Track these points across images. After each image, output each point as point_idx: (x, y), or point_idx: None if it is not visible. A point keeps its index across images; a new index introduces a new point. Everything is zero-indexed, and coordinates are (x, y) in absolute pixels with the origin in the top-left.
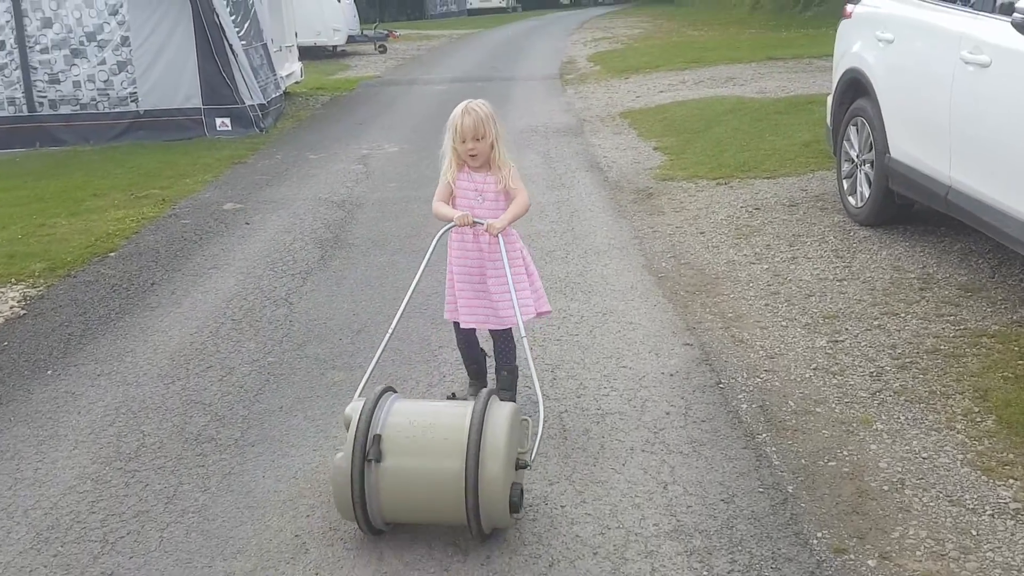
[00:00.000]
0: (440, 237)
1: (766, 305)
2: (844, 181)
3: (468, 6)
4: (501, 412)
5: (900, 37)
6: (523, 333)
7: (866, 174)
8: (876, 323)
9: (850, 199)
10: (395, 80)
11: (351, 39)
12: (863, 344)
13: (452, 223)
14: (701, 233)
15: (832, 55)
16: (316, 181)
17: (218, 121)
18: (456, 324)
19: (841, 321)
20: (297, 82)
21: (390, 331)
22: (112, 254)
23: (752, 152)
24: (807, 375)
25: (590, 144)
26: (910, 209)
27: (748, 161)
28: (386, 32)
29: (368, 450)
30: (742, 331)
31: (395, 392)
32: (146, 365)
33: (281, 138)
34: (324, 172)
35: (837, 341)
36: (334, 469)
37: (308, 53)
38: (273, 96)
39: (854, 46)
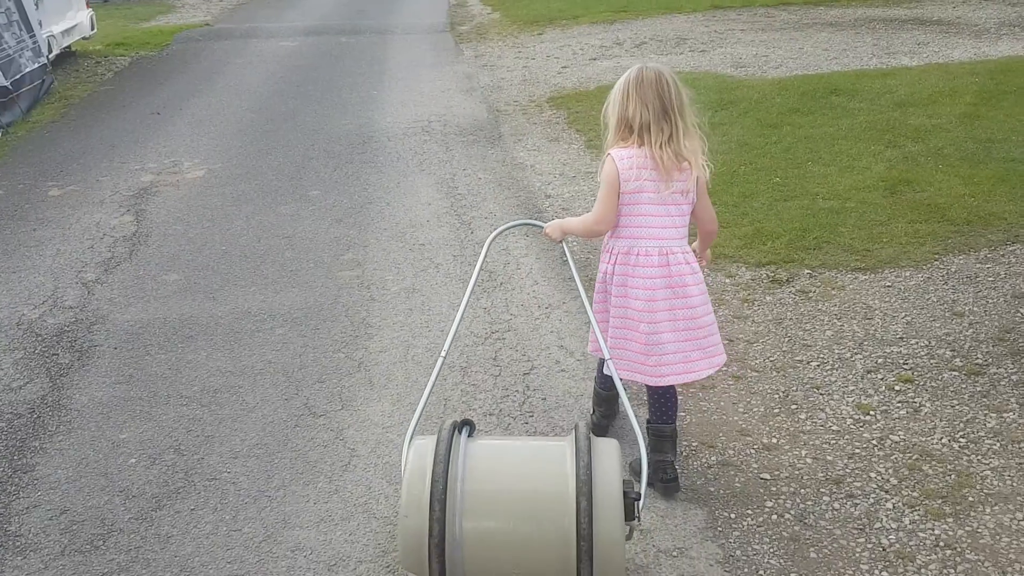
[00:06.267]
0: None
1: None
2: None
3: None
4: (609, 454)
5: None
6: (608, 355)
7: None
8: None
9: None
10: (228, 30)
11: None
12: None
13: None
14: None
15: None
16: (33, 263)
17: None
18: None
19: None
20: (84, 38)
21: (443, 353)
22: None
23: (802, 202)
24: None
25: (517, 163)
26: None
27: (806, 224)
28: None
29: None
30: None
31: (470, 425)
32: None
33: (24, 145)
34: (58, 236)
35: None
36: (404, 534)
37: None
38: (29, 70)
39: None
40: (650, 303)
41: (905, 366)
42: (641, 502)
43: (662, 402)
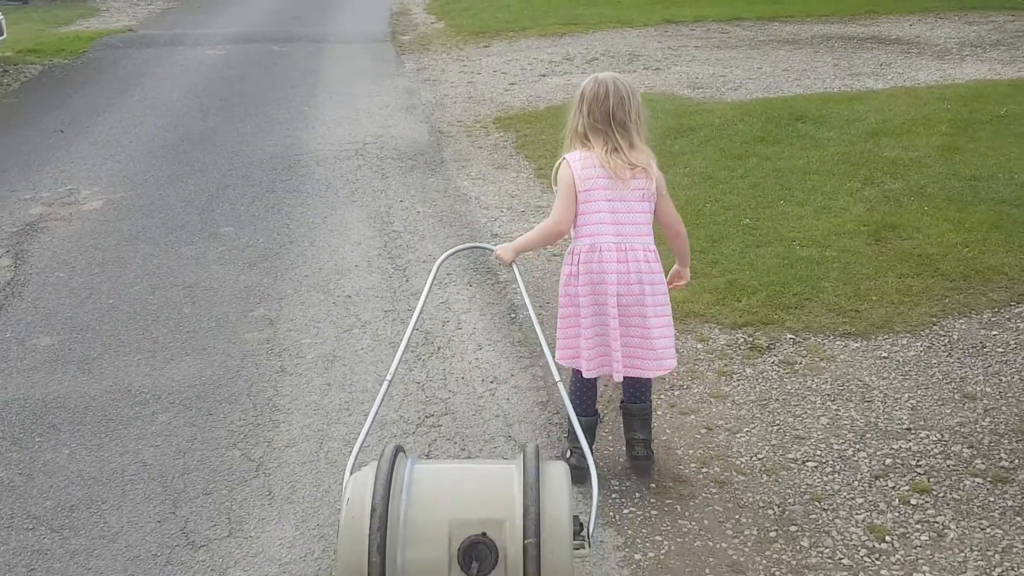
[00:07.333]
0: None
1: None
2: None
3: None
4: (558, 477)
5: None
6: (558, 377)
7: None
8: None
9: None
10: (152, 37)
11: None
12: None
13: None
14: None
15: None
16: None
17: None
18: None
19: None
20: None
21: (389, 377)
22: None
23: (776, 249)
24: None
25: (461, 194)
26: None
27: (784, 276)
28: None
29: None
30: None
31: (404, 452)
32: None
33: None
34: None
35: None
36: (342, 564)
37: None
38: None
39: None
40: (612, 298)
41: (918, 468)
42: (591, 527)
43: (631, 383)
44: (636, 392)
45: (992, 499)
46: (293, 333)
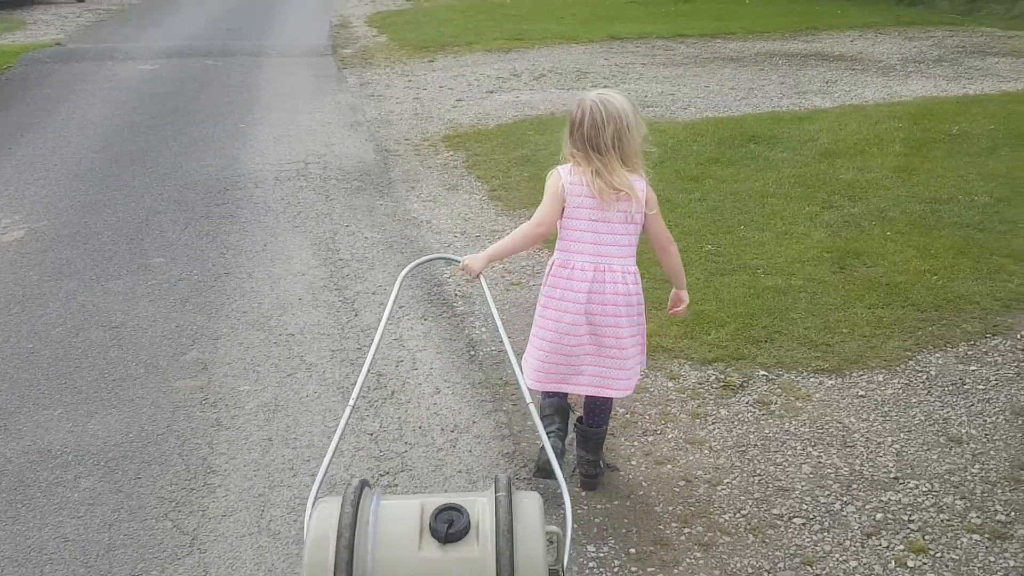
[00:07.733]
0: None
1: None
2: None
3: None
4: (531, 509)
5: None
6: (528, 399)
7: None
8: None
9: None
10: (81, 51)
11: None
12: None
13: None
14: None
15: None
16: None
17: None
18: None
19: None
20: None
21: (350, 405)
22: None
23: (741, 278)
24: None
25: (411, 218)
26: None
27: (752, 308)
28: None
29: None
30: None
31: (370, 486)
32: None
33: None
34: None
35: None
36: None
37: None
38: None
39: None
40: (577, 316)
41: (911, 524)
42: (565, 559)
43: (593, 407)
44: (596, 417)
45: (992, 559)
46: (230, 379)
